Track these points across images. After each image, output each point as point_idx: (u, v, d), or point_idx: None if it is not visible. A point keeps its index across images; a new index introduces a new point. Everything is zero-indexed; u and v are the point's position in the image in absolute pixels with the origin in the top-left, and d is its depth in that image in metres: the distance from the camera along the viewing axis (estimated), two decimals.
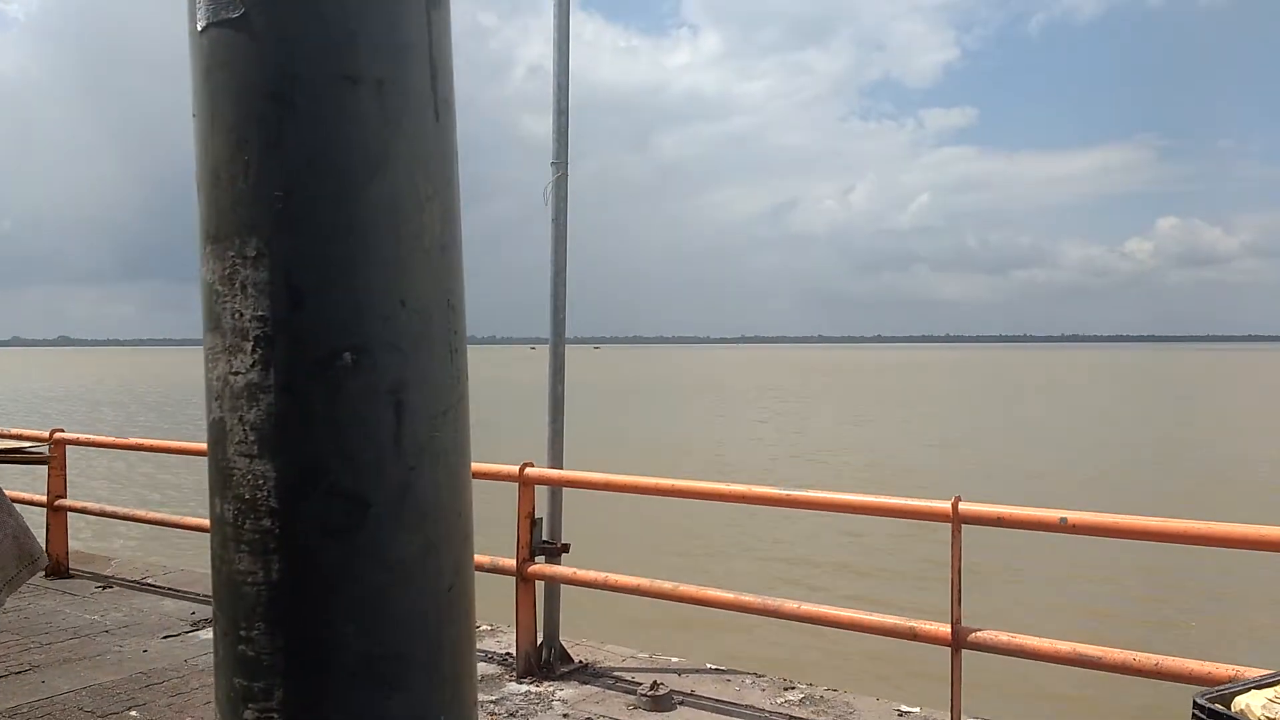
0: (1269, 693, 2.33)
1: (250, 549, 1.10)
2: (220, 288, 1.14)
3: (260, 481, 1.10)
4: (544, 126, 5.95)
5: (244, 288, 1.12)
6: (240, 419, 1.11)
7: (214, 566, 1.16)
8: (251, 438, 1.10)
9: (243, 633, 1.10)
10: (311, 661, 1.08)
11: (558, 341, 5.92)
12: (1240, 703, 2.34)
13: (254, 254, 1.11)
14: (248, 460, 1.11)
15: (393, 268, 1.14)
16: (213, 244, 1.16)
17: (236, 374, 1.12)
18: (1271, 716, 2.22)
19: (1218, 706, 2.30)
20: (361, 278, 1.12)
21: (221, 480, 1.13)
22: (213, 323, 1.15)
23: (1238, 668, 3.67)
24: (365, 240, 1.12)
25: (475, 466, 6.00)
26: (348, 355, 1.10)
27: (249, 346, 1.11)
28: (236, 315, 1.12)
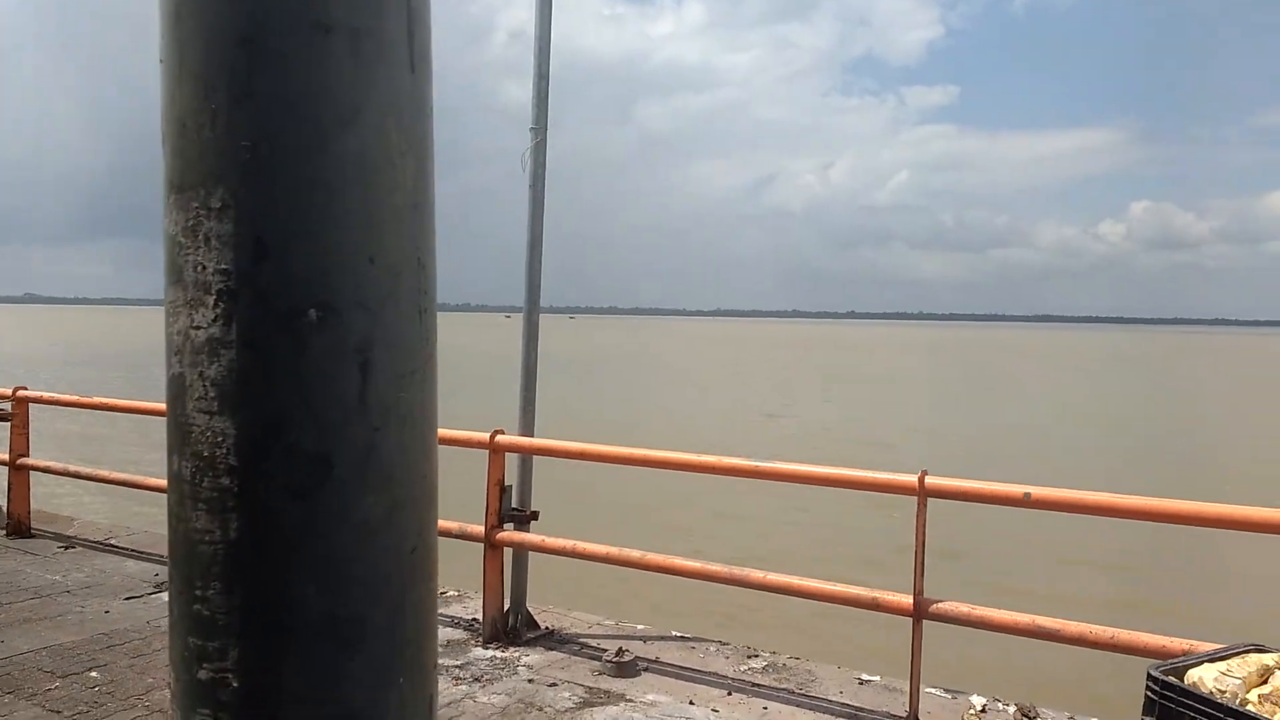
0: (1220, 666, 2.38)
1: (208, 507, 1.08)
2: (183, 239, 1.11)
3: (220, 439, 1.07)
4: (525, 93, 5.87)
5: (207, 240, 1.09)
6: (200, 374, 1.09)
7: (170, 525, 1.13)
8: (211, 394, 1.08)
9: (198, 591, 1.08)
10: (268, 621, 1.07)
11: (532, 309, 5.88)
12: (1193, 675, 2.39)
13: (219, 205, 1.08)
14: (207, 417, 1.08)
15: (362, 224, 1.11)
16: (177, 194, 1.12)
17: (197, 328, 1.09)
18: (1223, 689, 2.27)
19: (1171, 679, 2.35)
20: (329, 233, 1.09)
21: (180, 437, 1.11)
22: (174, 275, 1.12)
23: (1191, 641, 3.75)
24: (334, 194, 1.09)
25: (446, 433, 5.94)
26: (313, 312, 1.08)
27: (211, 300, 1.08)
28: (199, 268, 1.09)
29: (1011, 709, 4.66)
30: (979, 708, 4.65)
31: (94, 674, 5.00)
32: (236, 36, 1.08)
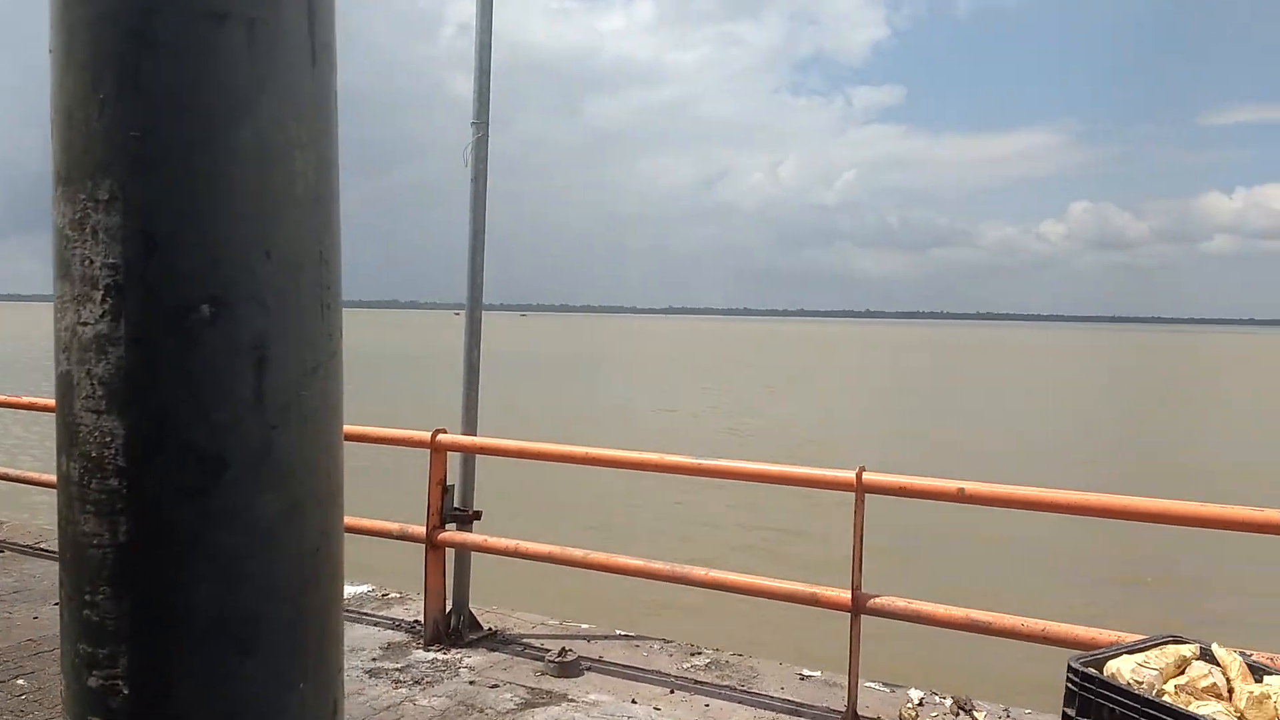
0: (1139, 657, 2.44)
1: (96, 509, 1.05)
2: (70, 233, 1.08)
3: (108, 439, 1.04)
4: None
5: (95, 233, 1.05)
6: (88, 372, 1.05)
7: (60, 528, 1.10)
8: (99, 392, 1.05)
9: (88, 597, 1.05)
10: (159, 625, 1.04)
11: (475, 306, 5.83)
12: (1112, 667, 2.44)
13: (106, 198, 1.05)
14: (95, 416, 1.05)
15: (257, 217, 1.09)
16: (64, 186, 1.09)
17: (85, 325, 1.06)
18: (1140, 680, 2.33)
19: (1090, 670, 2.40)
20: (222, 226, 1.06)
21: (68, 437, 1.08)
22: (62, 270, 1.09)
23: (1120, 634, 3.83)
24: (227, 187, 1.07)
25: (386, 432, 5.82)
26: (205, 307, 1.05)
27: (99, 296, 1.05)
28: (86, 262, 1.06)
29: (948, 701, 4.73)
30: (917, 700, 4.71)
31: (21, 681, 4.85)
32: (125, 25, 1.05)
